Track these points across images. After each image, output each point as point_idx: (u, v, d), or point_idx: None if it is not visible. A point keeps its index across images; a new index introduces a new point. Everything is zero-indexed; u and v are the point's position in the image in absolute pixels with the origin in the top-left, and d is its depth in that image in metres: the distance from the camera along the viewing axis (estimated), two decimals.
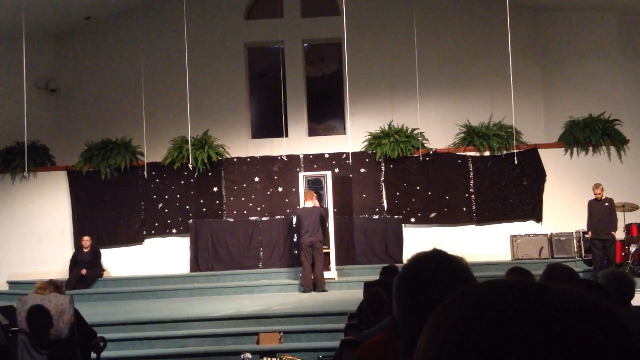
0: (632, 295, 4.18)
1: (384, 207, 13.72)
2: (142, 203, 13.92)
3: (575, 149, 13.58)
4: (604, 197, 11.90)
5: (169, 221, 13.86)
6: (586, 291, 0.68)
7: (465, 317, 0.65)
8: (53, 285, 6.66)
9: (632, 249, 11.83)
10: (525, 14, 14.41)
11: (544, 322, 0.62)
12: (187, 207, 13.85)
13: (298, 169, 13.67)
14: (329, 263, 12.36)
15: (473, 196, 13.65)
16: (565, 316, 0.63)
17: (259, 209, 13.84)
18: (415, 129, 13.83)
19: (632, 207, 12.34)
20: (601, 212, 11.83)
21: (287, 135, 14.34)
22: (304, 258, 11.82)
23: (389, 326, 1.55)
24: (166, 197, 13.90)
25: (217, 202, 13.91)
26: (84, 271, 12.82)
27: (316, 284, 11.81)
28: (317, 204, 12.20)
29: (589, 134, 13.36)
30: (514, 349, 0.61)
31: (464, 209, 13.63)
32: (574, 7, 14.13)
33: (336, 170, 13.66)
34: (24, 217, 13.81)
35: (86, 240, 13.24)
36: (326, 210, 12.40)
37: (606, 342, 0.62)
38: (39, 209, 13.88)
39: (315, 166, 13.73)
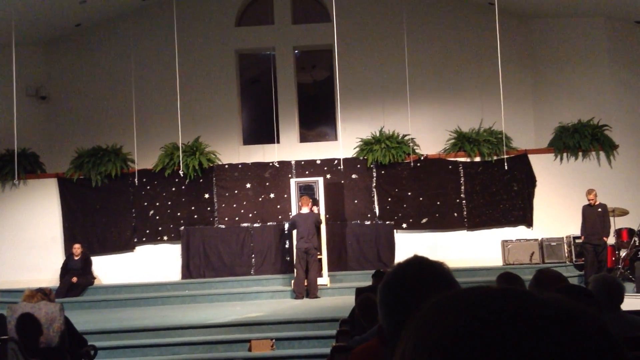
0: (621, 300, 4.20)
1: (375, 213, 13.74)
2: (133, 210, 13.88)
3: (565, 155, 13.65)
4: (597, 203, 11.96)
5: (160, 228, 13.82)
6: (571, 299, 0.68)
7: (453, 328, 0.65)
8: (41, 293, 6.62)
9: (623, 253, 11.89)
10: (514, 21, 14.50)
11: (534, 332, 0.63)
12: (179, 214, 13.82)
13: (290, 175, 13.67)
14: (321, 269, 12.34)
15: (464, 202, 13.69)
16: (551, 325, 0.63)
17: (250, 215, 13.83)
18: (406, 135, 13.87)
19: (622, 212, 12.41)
20: (594, 217, 11.89)
21: (278, 142, 14.36)
22: (298, 264, 11.79)
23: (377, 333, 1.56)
24: (157, 204, 13.87)
25: (209, 208, 13.88)
26: (74, 279, 12.76)
27: (309, 290, 11.79)
28: (315, 210, 12.17)
29: (579, 140, 13.44)
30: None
31: (455, 214, 13.67)
32: (564, 14, 14.22)
33: (328, 176, 13.67)
34: (14, 225, 13.74)
35: (77, 248, 13.18)
36: (318, 216, 12.38)
37: (590, 350, 0.63)
38: (29, 216, 13.81)
39: (306, 172, 13.73)
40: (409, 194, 13.75)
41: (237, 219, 13.84)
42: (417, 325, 0.68)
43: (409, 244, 13.36)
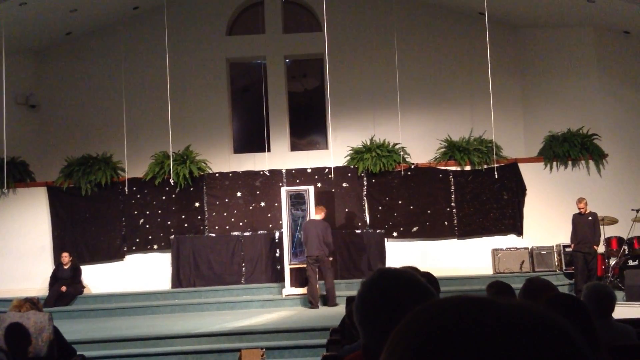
0: (612, 309, 4.22)
1: (366, 221, 13.74)
2: (123, 219, 13.82)
3: (554, 164, 13.72)
4: (587, 212, 12.00)
5: (150, 237, 13.77)
6: (534, 304, 0.70)
7: (417, 338, 0.69)
8: (30, 303, 6.57)
9: (612, 262, 11.93)
10: (504, 31, 14.59)
11: (491, 341, 0.65)
12: (169, 222, 13.78)
13: (280, 184, 13.67)
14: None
15: (454, 210, 13.72)
16: (510, 331, 0.65)
17: (241, 224, 13.80)
18: (396, 144, 13.90)
19: (612, 221, 12.46)
20: (584, 226, 11.92)
21: (269, 150, 14.35)
22: (311, 272, 11.48)
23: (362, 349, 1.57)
24: (147, 212, 13.82)
25: (199, 217, 13.85)
26: (64, 288, 12.67)
27: (327, 298, 11.55)
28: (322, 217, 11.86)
29: (568, 149, 13.51)
30: None
31: (446, 223, 13.69)
32: (553, 24, 14.33)
33: (318, 184, 13.67)
34: (3, 234, 13.65)
35: (65, 257, 13.09)
36: (327, 227, 11.82)
37: (551, 355, 0.64)
38: (19, 225, 13.73)
39: (297, 181, 13.73)
40: (400, 202, 13.77)
41: (227, 227, 13.81)
42: (392, 335, 0.72)
43: (399, 253, 13.37)
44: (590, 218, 11.97)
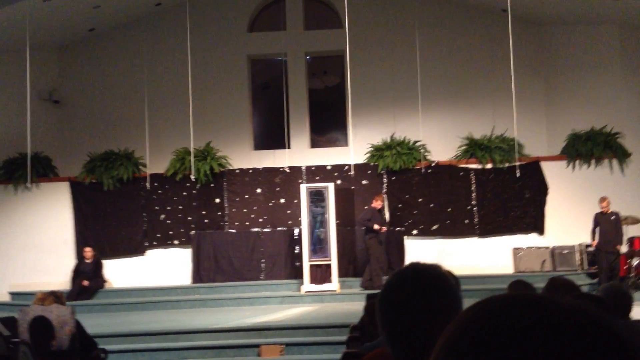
0: (629, 309, 4.18)
1: (386, 219, 13.71)
2: (144, 214, 13.93)
3: (577, 162, 13.57)
4: (610, 211, 11.88)
5: (170, 232, 13.86)
6: (590, 305, 0.69)
7: (475, 336, 0.67)
8: (53, 296, 6.66)
9: (635, 262, 11.80)
10: (527, 28, 14.45)
11: (546, 338, 0.64)
12: (189, 218, 13.86)
13: (300, 181, 13.68)
14: (330, 275, 12.35)
15: (475, 208, 13.64)
16: (570, 331, 0.64)
17: (260, 220, 13.84)
18: (417, 141, 13.85)
19: (635, 221, 12.33)
20: (607, 225, 11.82)
21: (289, 147, 14.37)
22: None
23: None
24: (168, 208, 13.91)
25: (219, 213, 13.91)
26: (85, 282, 12.81)
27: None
28: (376, 204, 12.57)
29: (591, 147, 13.36)
30: None
31: (466, 221, 13.62)
32: (577, 21, 14.17)
33: (338, 182, 13.67)
34: (26, 228, 13.82)
35: (88, 251, 13.24)
36: (366, 210, 12.69)
37: (606, 357, 0.63)
38: (42, 219, 13.89)
39: (317, 178, 13.74)
40: (420, 200, 13.71)
41: (247, 223, 13.85)
42: (447, 332, 0.71)
43: (419, 251, 13.33)
44: (612, 218, 11.85)
